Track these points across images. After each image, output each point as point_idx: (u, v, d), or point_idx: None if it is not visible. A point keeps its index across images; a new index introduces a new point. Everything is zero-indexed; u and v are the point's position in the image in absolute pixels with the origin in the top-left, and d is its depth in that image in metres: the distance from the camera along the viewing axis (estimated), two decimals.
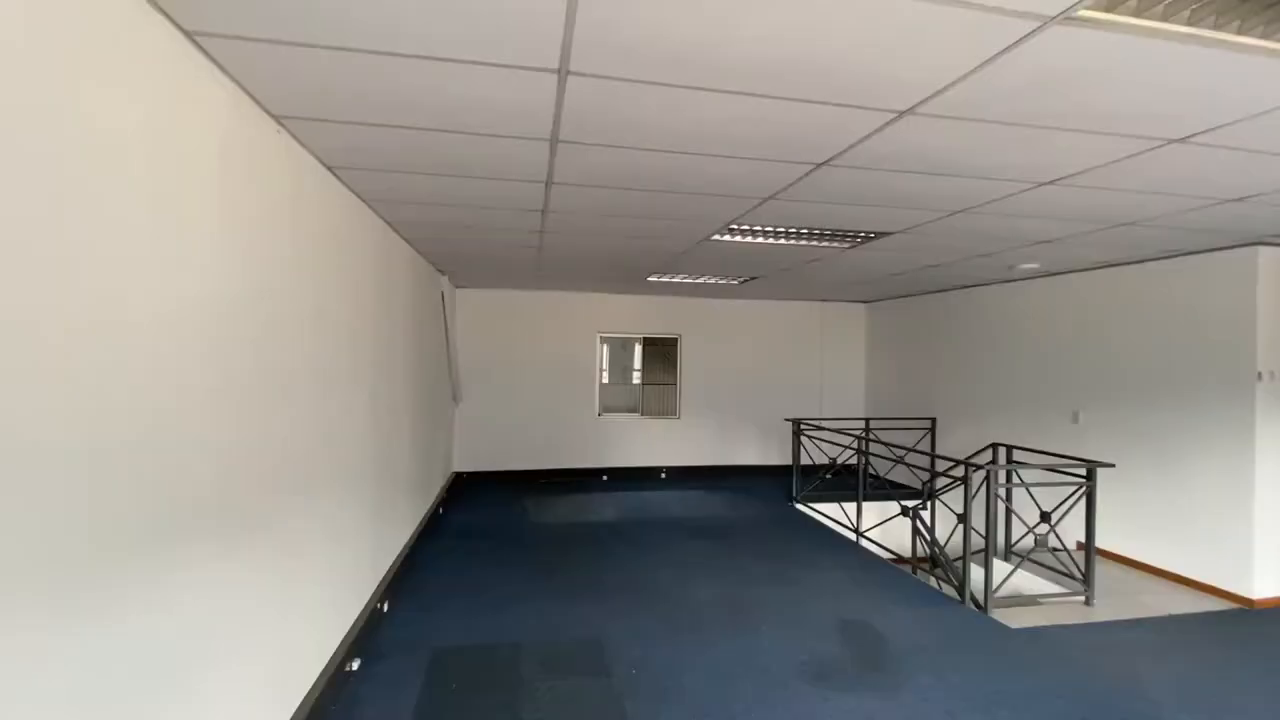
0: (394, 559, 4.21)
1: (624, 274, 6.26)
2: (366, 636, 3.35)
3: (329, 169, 2.81)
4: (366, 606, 3.45)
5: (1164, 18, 1.54)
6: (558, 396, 8.03)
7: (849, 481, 6.26)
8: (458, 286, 7.52)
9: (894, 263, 5.25)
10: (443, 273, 6.20)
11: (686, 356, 8.47)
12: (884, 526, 5.87)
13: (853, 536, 5.75)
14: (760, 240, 4.31)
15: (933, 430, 7.26)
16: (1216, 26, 1.58)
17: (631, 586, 4.31)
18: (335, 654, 2.91)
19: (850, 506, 6.08)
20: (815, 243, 4.37)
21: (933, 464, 5.51)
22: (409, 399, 4.70)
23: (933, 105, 2.03)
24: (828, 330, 8.89)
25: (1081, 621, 3.91)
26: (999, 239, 4.15)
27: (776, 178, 2.88)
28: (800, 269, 5.67)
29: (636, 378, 8.96)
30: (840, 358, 8.94)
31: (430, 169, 2.83)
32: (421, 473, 5.33)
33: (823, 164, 2.65)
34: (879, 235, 4.08)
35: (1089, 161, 2.56)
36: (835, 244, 4.41)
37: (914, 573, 5.19)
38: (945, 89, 1.91)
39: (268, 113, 2.16)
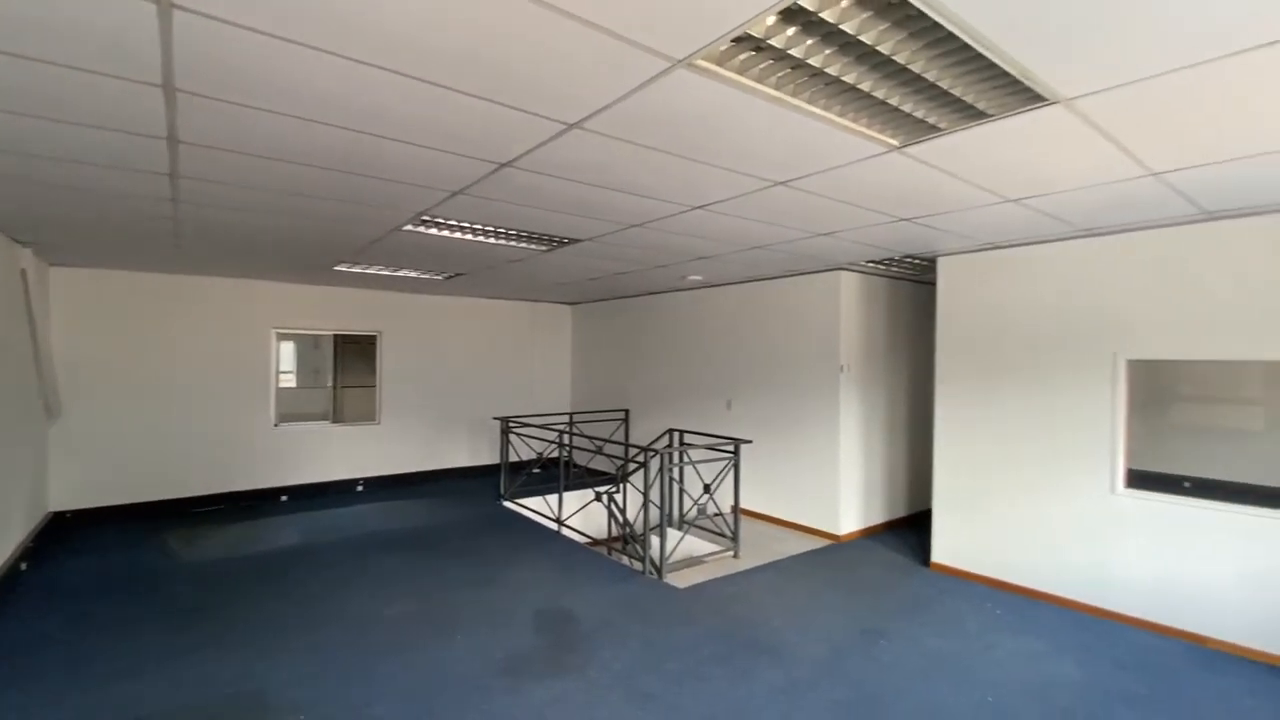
0: None
1: (305, 260, 5.48)
2: None
3: None
4: None
5: (759, 79, 1.91)
6: (218, 405, 6.65)
7: (556, 474, 6.52)
8: (53, 264, 5.67)
9: (589, 268, 5.63)
10: (23, 244, 4.60)
11: (388, 355, 7.82)
12: (586, 514, 6.27)
13: (555, 527, 6.00)
14: (458, 236, 4.18)
15: (626, 420, 8.03)
16: (794, 94, 2.03)
17: (310, 618, 3.78)
18: None
19: (554, 498, 6.34)
20: (514, 243, 4.42)
21: (626, 452, 6.06)
22: None
23: (597, 122, 2.20)
24: (537, 329, 9.15)
25: (731, 572, 4.73)
26: (670, 252, 4.75)
27: (462, 172, 2.81)
28: (504, 268, 5.69)
29: (331, 380, 7.98)
30: (549, 356, 9.28)
31: None
32: None
33: (506, 165, 2.67)
34: (571, 241, 4.31)
35: (724, 193, 3.08)
36: (533, 246, 4.52)
37: (609, 553, 5.65)
38: (605, 109, 2.08)
39: None
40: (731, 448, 5.28)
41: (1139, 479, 3.96)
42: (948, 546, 4.82)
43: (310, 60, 1.77)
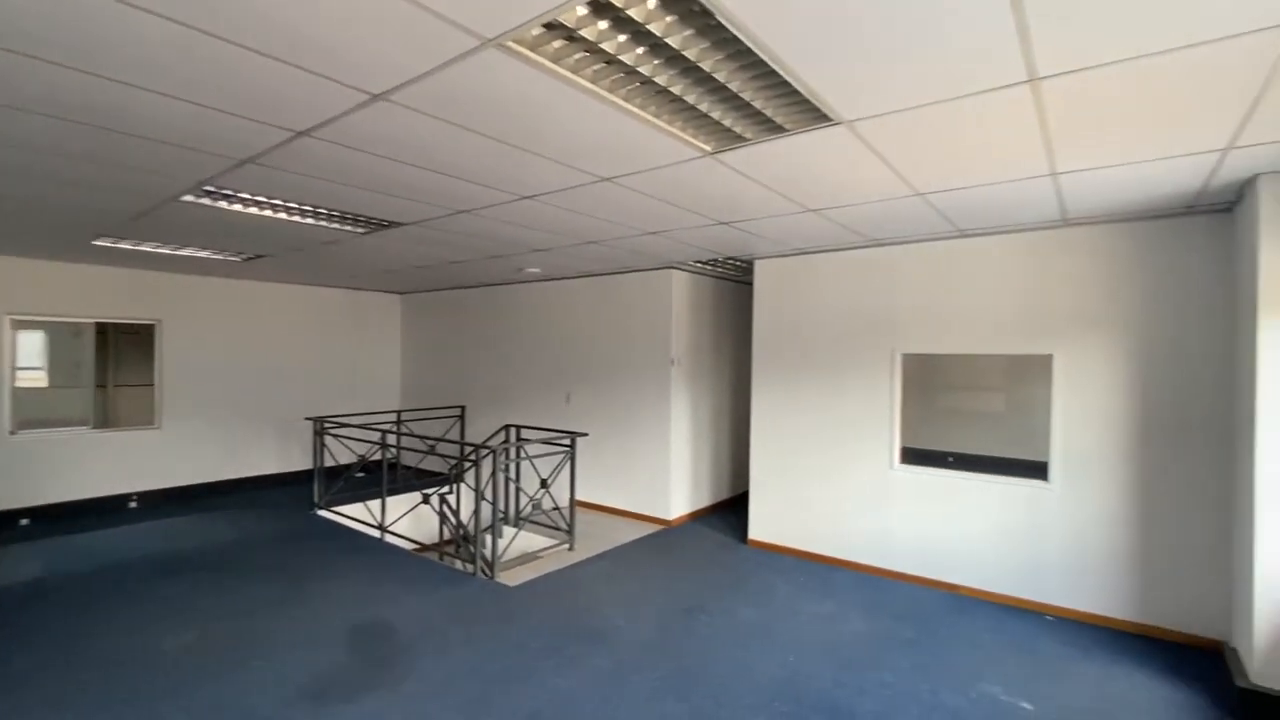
0: None
1: (50, 234, 4.50)
2: None
3: None
4: None
5: (575, 70, 1.91)
6: None
7: (381, 478, 6.05)
8: None
9: (417, 255, 5.29)
10: None
11: (171, 348, 6.70)
12: (416, 518, 5.90)
13: (378, 535, 5.57)
14: (253, 211, 3.69)
15: (462, 418, 7.70)
16: (611, 89, 2.06)
17: (61, 665, 3.12)
18: None
19: (378, 504, 5.89)
20: (324, 223, 4.01)
21: (462, 450, 5.80)
22: None
23: (405, 96, 2.05)
24: (362, 320, 8.42)
25: (565, 565, 4.74)
26: (503, 242, 4.62)
27: (250, 139, 2.47)
28: (317, 250, 5.14)
29: (96, 378, 6.67)
30: (376, 350, 8.59)
31: None
32: None
33: (303, 133, 2.40)
34: (392, 224, 4.01)
35: (551, 184, 3.05)
36: (348, 227, 4.14)
37: (441, 558, 5.38)
38: (413, 82, 1.95)
39: None
40: (568, 441, 5.29)
41: (914, 455, 4.63)
42: (763, 524, 5.26)
43: None
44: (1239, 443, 3.26)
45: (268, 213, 3.73)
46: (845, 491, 4.82)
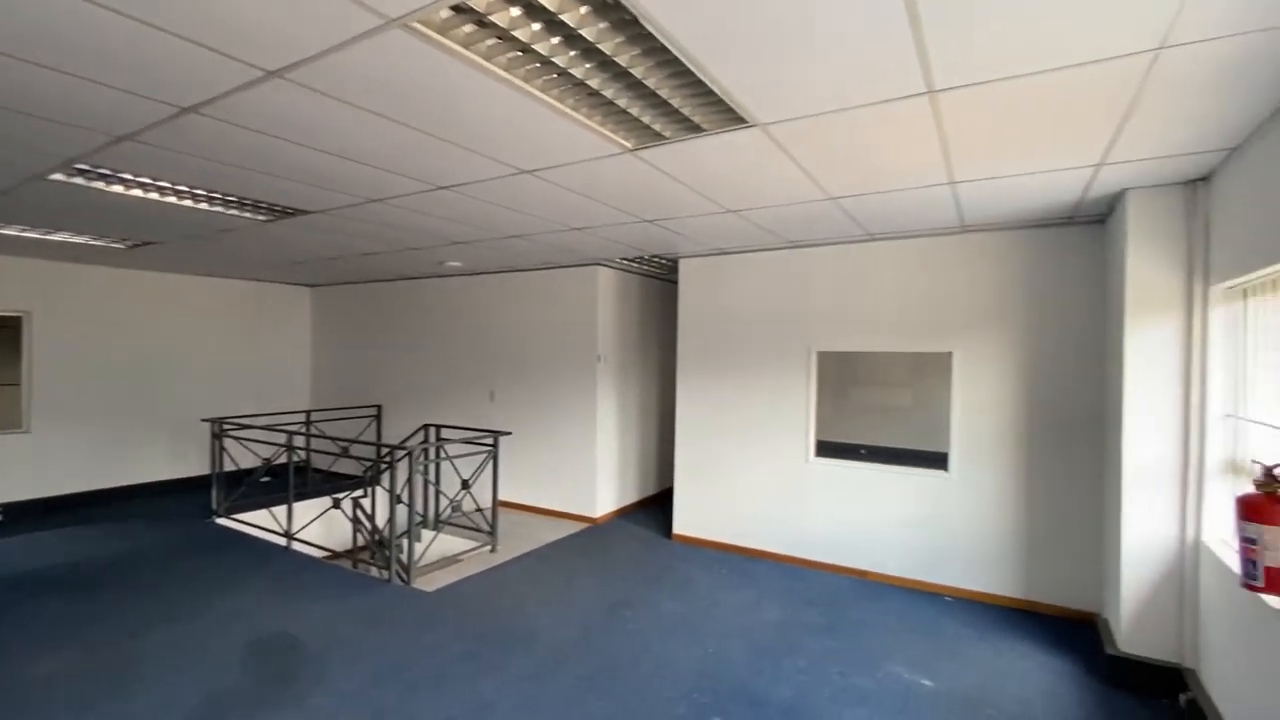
0: None
1: None
2: None
3: None
4: None
5: (487, 56, 1.85)
6: None
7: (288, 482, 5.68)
8: None
9: (327, 245, 5.00)
10: None
11: (42, 343, 6.05)
12: (328, 524, 5.58)
13: (284, 543, 5.24)
14: (138, 194, 3.38)
15: (379, 417, 7.37)
16: (526, 79, 2.01)
17: None
18: None
19: (284, 510, 5.54)
20: (221, 209, 3.72)
21: (378, 452, 5.54)
22: None
23: (304, 74, 1.92)
24: (267, 315, 7.89)
25: (487, 568, 4.63)
26: (421, 234, 4.45)
27: (127, 112, 2.25)
28: (214, 239, 4.77)
29: None
30: (283, 346, 8.07)
31: None
32: None
33: (189, 110, 2.21)
34: (297, 211, 3.77)
35: (469, 175, 2.96)
36: (248, 214, 3.86)
37: (354, 566, 5.13)
38: (312, 59, 1.83)
39: None
40: (491, 441, 5.16)
41: (829, 449, 4.82)
42: (687, 518, 5.34)
43: None
44: (1109, 433, 3.60)
45: (153, 195, 3.42)
46: (765, 485, 4.97)
